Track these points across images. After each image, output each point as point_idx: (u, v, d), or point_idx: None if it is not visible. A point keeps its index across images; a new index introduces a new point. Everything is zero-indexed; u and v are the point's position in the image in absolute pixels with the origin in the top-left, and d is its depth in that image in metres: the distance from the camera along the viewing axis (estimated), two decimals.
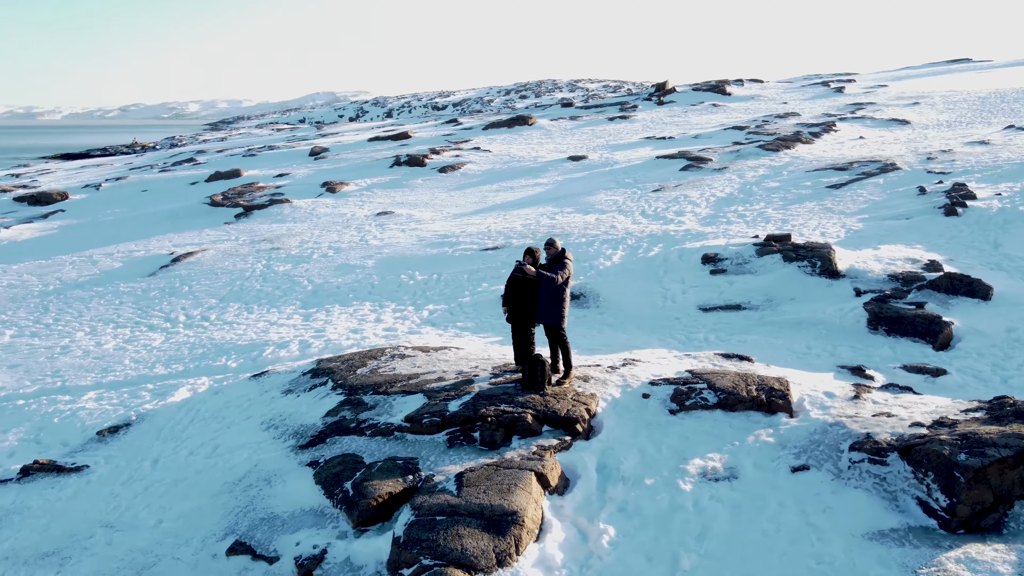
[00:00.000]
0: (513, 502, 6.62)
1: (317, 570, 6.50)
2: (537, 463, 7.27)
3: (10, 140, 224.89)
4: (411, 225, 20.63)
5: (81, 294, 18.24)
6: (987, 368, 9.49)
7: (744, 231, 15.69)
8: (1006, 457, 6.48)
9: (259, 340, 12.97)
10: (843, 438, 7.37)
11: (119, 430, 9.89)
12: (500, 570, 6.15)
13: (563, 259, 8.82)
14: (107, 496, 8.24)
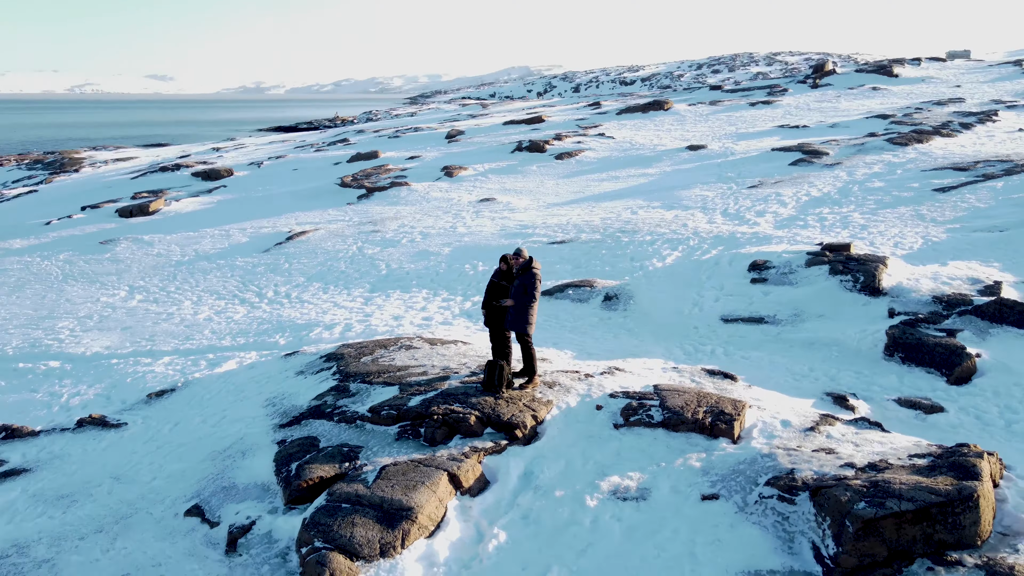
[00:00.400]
0: (412, 499, 7.12)
1: (242, 539, 7.35)
2: (455, 464, 7.70)
3: (241, 113, 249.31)
4: (503, 213, 21.25)
5: (206, 266, 20.57)
6: (995, 409, 8.65)
7: (813, 237, 14.83)
8: (905, 511, 6.14)
9: (315, 320, 14.20)
10: (766, 471, 7.19)
11: (164, 394, 11.39)
12: (381, 560, 6.70)
13: (530, 269, 9.08)
14: (128, 452, 9.62)
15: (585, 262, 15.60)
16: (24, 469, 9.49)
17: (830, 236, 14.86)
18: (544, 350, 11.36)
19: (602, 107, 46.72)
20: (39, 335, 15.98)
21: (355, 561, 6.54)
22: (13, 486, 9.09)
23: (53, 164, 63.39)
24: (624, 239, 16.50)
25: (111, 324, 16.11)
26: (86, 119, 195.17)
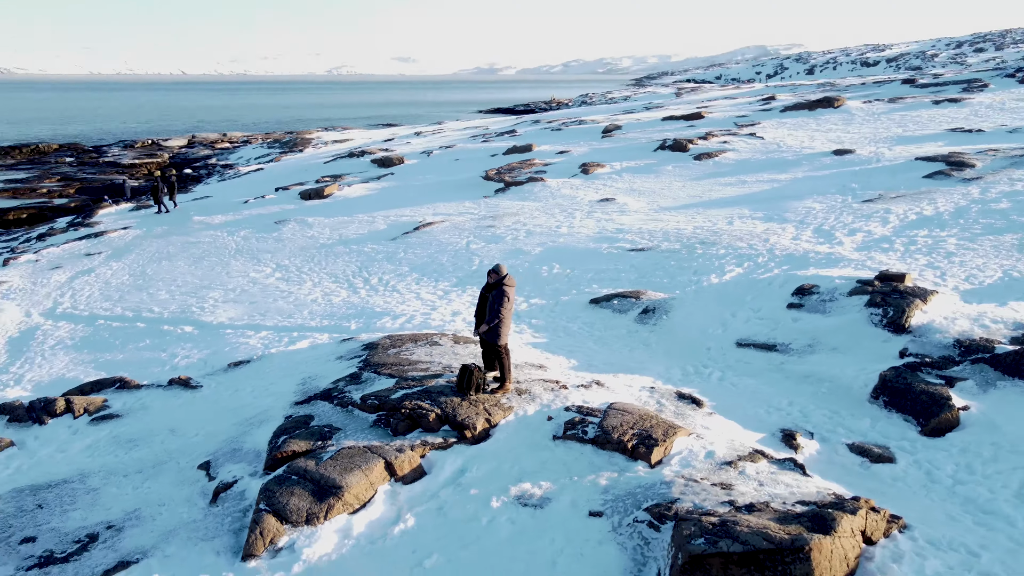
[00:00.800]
0: (345, 479, 8.38)
1: (223, 494, 9.01)
2: (396, 454, 8.85)
3: (471, 94, 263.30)
4: (611, 216, 21.71)
5: (340, 250, 23.04)
6: (951, 467, 8.20)
7: (887, 263, 13.95)
8: (733, 552, 6.49)
9: (389, 310, 15.82)
10: (653, 497, 7.66)
11: (240, 364, 13.52)
12: (305, 527, 8.02)
13: (501, 286, 9.92)
14: (190, 410, 11.73)
15: (650, 272, 15.87)
16: (117, 415, 11.91)
17: (907, 262, 13.94)
18: (553, 357, 12.13)
19: (775, 102, 44.54)
20: (191, 303, 19.09)
21: (283, 524, 7.93)
22: (104, 427, 11.50)
23: (288, 143, 71.15)
24: (698, 251, 16.49)
25: (244, 298, 18.87)
26: (337, 99, 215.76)
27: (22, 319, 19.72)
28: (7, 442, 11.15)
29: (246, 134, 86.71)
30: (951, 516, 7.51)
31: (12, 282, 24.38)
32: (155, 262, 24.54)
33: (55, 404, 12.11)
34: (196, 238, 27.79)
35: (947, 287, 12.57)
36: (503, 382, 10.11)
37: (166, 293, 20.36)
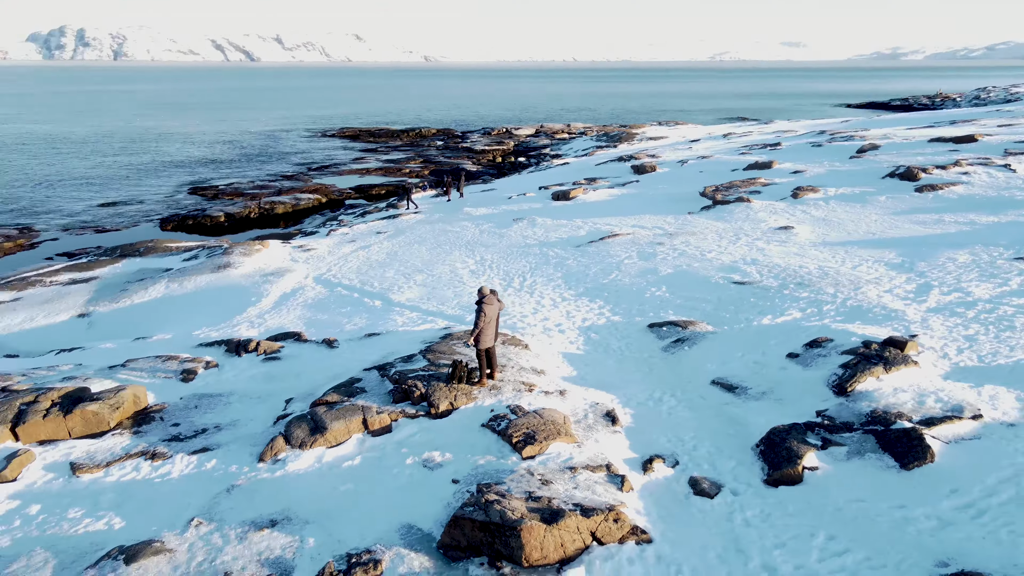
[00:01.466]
0: (331, 424, 12.31)
1: (280, 420, 13.53)
2: (373, 414, 12.57)
3: (859, 83, 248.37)
4: (766, 245, 22.18)
5: (534, 251, 26.50)
6: (752, 512, 9.24)
7: (931, 329, 13.54)
8: (476, 520, 9.20)
9: (504, 310, 19.24)
10: (494, 477, 10.42)
11: (372, 336, 18.09)
12: (297, 449, 12.11)
13: (480, 303, 12.93)
14: (318, 363, 16.42)
15: (723, 305, 16.98)
16: (278, 359, 17.23)
17: (953, 331, 13.52)
18: (563, 366, 14.74)
19: None
20: (398, 282, 24.35)
21: (286, 445, 12.18)
22: (266, 366, 16.82)
23: (614, 137, 73.91)
24: (785, 292, 17.07)
25: (430, 283, 23.62)
26: (708, 88, 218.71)
27: (300, 280, 26.74)
28: (214, 364, 17.05)
29: (587, 125, 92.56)
30: (706, 546, 9.13)
31: (318, 249, 32.28)
32: (408, 245, 30.65)
33: (250, 344, 17.87)
34: (451, 227, 33.50)
35: (947, 361, 12.42)
36: (479, 378, 13.22)
37: (392, 272, 26.01)
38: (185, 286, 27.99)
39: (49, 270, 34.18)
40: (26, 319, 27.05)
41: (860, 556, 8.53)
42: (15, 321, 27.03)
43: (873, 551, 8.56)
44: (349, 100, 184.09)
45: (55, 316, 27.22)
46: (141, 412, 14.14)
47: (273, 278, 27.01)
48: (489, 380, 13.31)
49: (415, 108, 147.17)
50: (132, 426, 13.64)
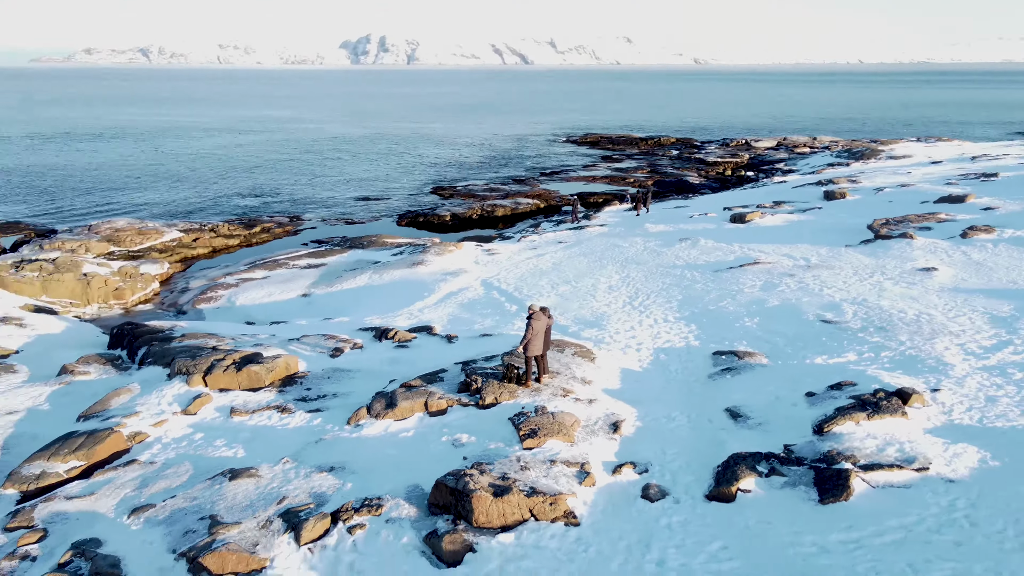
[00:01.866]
0: (401, 403, 15.67)
1: (377, 393, 17.18)
2: (436, 399, 15.74)
3: None
4: (892, 286, 21.76)
5: (676, 272, 27.74)
6: (668, 521, 11.13)
7: (962, 386, 13.60)
8: (446, 484, 12.08)
9: (597, 322, 21.37)
10: (493, 459, 13.19)
11: (484, 336, 21.27)
12: (374, 419, 15.68)
13: (529, 319, 15.50)
14: (433, 354, 19.82)
15: (796, 341, 17.64)
16: (407, 347, 21.07)
17: (991, 390, 13.51)
18: (612, 380, 16.84)
19: None
20: (545, 290, 27.31)
21: (367, 414, 15.78)
22: (395, 351, 20.66)
23: (856, 154, 69.09)
24: (860, 334, 17.24)
25: (568, 295, 26.14)
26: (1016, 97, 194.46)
27: (468, 281, 30.75)
28: (359, 345, 21.32)
29: (833, 139, 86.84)
30: (623, 537, 11.07)
31: (501, 254, 36.30)
32: (574, 257, 33.47)
33: (390, 332, 21.96)
34: (622, 243, 35.69)
35: (945, 416, 12.71)
36: (526, 380, 15.88)
37: (545, 281, 29.02)
38: (382, 278, 33.28)
39: (295, 255, 41.68)
40: (267, 294, 33.85)
41: (738, 565, 10.13)
42: (259, 295, 33.93)
43: (751, 564, 10.11)
44: (604, 104, 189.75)
45: (286, 294, 33.74)
46: (289, 376, 18.63)
47: (449, 278, 31.28)
48: (535, 383, 15.93)
49: (665, 115, 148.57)
50: (279, 386, 18.12)
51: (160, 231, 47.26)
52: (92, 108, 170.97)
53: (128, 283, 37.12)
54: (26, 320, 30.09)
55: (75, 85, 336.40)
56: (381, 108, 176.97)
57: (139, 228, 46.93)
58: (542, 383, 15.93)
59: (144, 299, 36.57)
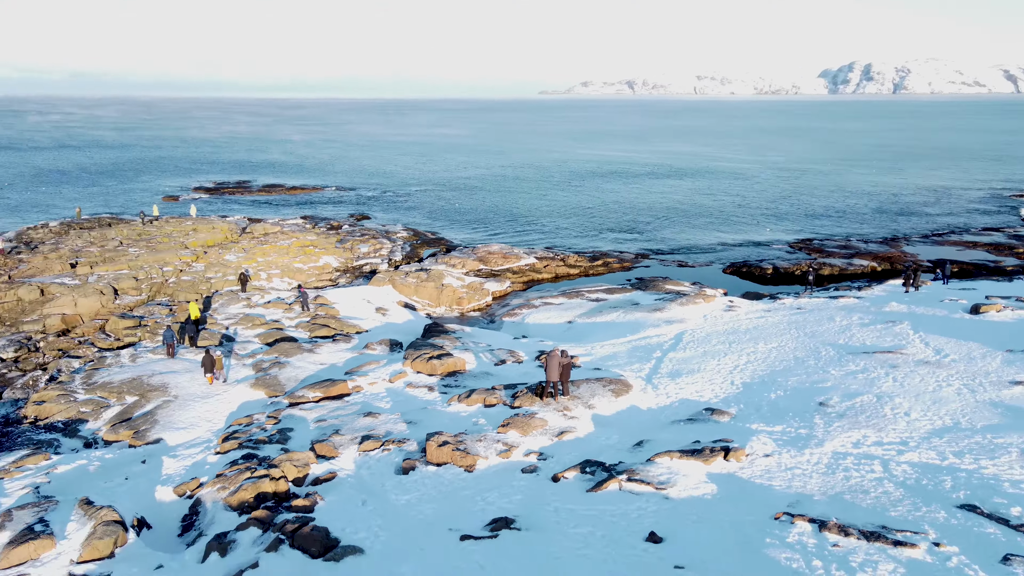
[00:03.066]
0: (473, 396, 24.97)
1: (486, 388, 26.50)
2: (491, 396, 24.57)
3: None
4: (940, 382, 22.84)
5: (826, 351, 30.38)
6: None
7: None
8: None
9: (685, 371, 26.81)
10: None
11: (599, 369, 28.58)
12: (458, 403, 25.22)
13: (547, 354, 23.23)
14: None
15: (776, 408, 21.63)
16: None
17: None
18: (614, 409, 23.48)
19: None
20: (703, 346, 32.80)
21: (457, 400, 25.44)
22: (534, 367, 29.53)
23: None
24: (832, 415, 20.61)
25: (707, 352, 31.38)
26: None
27: (668, 330, 37.26)
28: (522, 358, 30.58)
29: None
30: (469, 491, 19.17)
31: (737, 311, 41.46)
32: (767, 323, 37.32)
33: (545, 352, 30.77)
34: (831, 318, 37.76)
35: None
36: (543, 395, 23.67)
37: (716, 340, 34.24)
38: (624, 316, 41.52)
39: (596, 288, 51.58)
40: (546, 317, 44.57)
41: (519, 505, 17.53)
42: (542, 317, 44.80)
43: (528, 510, 17.46)
44: None
45: (560, 318, 43.98)
46: (455, 371, 28.93)
47: (662, 325, 38.18)
48: (551, 399, 23.67)
49: None
50: (446, 375, 28.55)
51: (520, 256, 60.82)
52: (557, 140, 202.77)
53: (469, 294, 50.91)
54: (391, 311, 45.62)
55: (568, 116, 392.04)
56: (818, 146, 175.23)
57: (505, 253, 60.98)
58: (557, 400, 23.57)
59: (477, 308, 49.82)
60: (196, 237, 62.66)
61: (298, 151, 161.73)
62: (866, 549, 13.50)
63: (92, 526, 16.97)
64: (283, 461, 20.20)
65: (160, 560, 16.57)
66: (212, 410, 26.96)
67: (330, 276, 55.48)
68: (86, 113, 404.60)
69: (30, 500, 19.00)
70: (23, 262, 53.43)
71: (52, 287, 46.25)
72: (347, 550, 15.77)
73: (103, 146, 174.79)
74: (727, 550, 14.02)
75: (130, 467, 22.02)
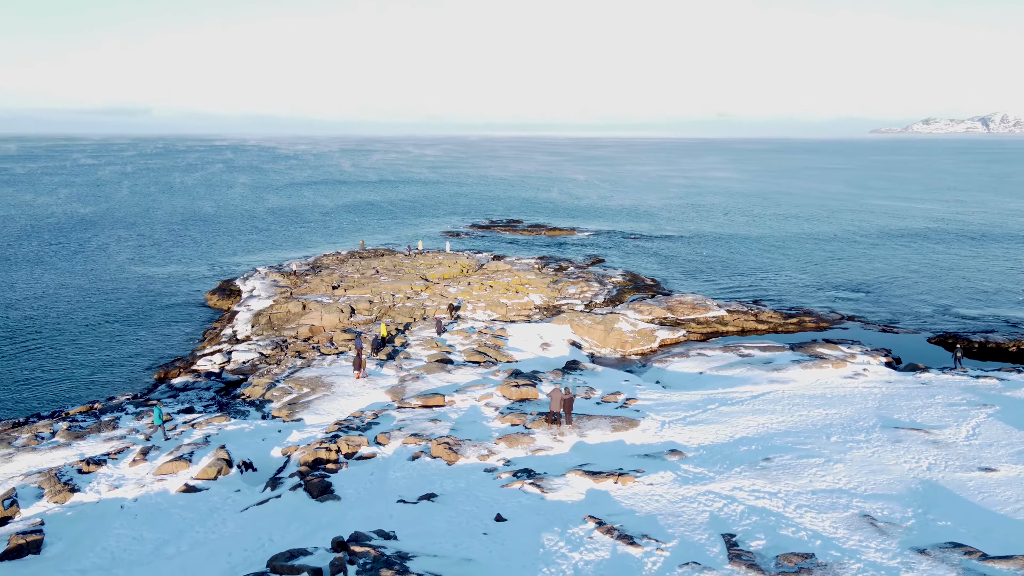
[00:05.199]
0: (506, 418, 31.79)
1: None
2: (520, 417, 31.21)
3: None
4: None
5: (907, 464, 31.35)
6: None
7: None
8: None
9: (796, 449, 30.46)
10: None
11: (620, 419, 33.31)
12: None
13: (551, 393, 29.24)
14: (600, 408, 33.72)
15: (721, 454, 25.02)
16: (613, 404, 35.18)
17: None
18: (598, 437, 28.78)
19: None
20: (749, 414, 35.43)
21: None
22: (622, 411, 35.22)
23: None
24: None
25: (773, 410, 34.04)
26: None
27: (755, 387, 39.88)
28: (589, 396, 36.45)
29: None
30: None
31: (868, 375, 42.32)
32: (846, 392, 38.03)
33: (609, 396, 36.23)
34: (928, 390, 37.09)
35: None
36: (549, 423, 29.71)
37: (782, 407, 36.43)
38: (745, 372, 44.71)
39: (754, 345, 54.11)
40: (685, 367, 49.01)
41: (416, 483, 24.52)
42: (682, 366, 49.36)
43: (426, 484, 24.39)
44: None
45: (695, 368, 48.29)
46: (528, 398, 35.80)
47: (763, 383, 40.97)
48: (554, 425, 29.61)
49: None
50: (518, 400, 35.58)
51: (710, 308, 64.47)
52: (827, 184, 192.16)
53: (635, 339, 56.41)
54: (554, 346, 53.31)
55: (885, 161, 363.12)
56: None
57: (696, 303, 64.95)
58: (559, 426, 29.47)
59: (640, 352, 55.00)
60: (436, 270, 75.77)
61: (575, 191, 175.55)
62: (612, 545, 18.38)
63: (211, 460, 27.22)
64: (343, 441, 29.02)
65: (240, 487, 26.23)
66: (348, 405, 36.93)
67: (527, 312, 64.17)
68: (417, 152, 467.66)
69: (199, 441, 30.03)
70: (305, 282, 70.24)
71: (312, 303, 61.19)
72: (331, 496, 23.99)
73: (414, 182, 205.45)
74: (527, 533, 19.70)
75: (269, 433, 32.52)
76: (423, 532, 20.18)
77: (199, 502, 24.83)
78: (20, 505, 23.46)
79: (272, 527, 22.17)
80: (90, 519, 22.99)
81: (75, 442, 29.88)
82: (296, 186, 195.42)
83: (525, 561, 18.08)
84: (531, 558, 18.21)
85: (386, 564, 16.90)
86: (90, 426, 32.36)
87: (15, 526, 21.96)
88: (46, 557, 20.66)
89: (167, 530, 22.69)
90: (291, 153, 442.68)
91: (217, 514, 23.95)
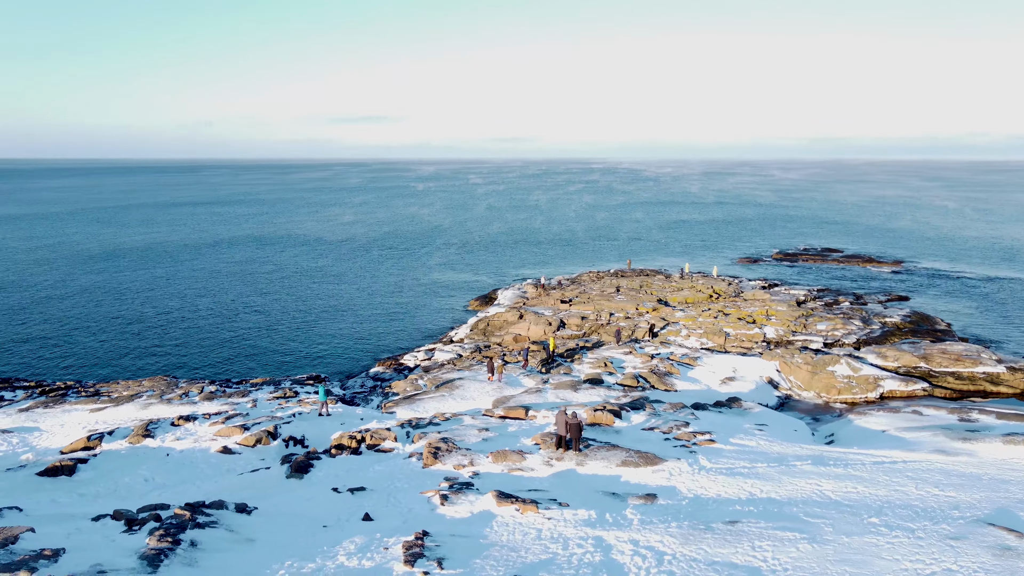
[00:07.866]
0: (517, 441, 30.67)
1: None
2: (548, 437, 29.98)
3: None
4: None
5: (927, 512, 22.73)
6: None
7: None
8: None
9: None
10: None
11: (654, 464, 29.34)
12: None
13: (579, 424, 27.55)
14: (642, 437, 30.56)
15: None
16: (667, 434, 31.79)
17: None
18: (597, 470, 26.43)
19: None
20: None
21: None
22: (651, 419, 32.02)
23: None
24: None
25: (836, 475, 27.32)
26: None
27: (901, 458, 32.05)
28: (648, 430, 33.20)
29: None
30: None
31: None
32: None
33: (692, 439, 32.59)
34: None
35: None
36: (556, 446, 28.06)
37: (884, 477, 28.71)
38: (924, 435, 36.55)
39: (998, 408, 43.26)
40: (877, 423, 41.65)
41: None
42: (876, 422, 42.06)
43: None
44: None
45: (882, 427, 40.72)
46: (599, 423, 33.99)
47: (920, 452, 33.07)
48: (559, 450, 27.89)
49: None
50: (589, 425, 34.04)
51: (981, 361, 53.19)
52: None
53: (847, 385, 49.06)
54: (738, 382, 49.09)
55: None
56: None
57: (964, 355, 53.35)
58: (564, 450, 27.73)
59: (849, 401, 47.53)
60: (679, 293, 73.16)
61: (931, 220, 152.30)
62: (393, 561, 17.62)
63: (264, 431, 31.28)
64: (369, 433, 30.98)
65: (267, 456, 29.81)
66: (448, 406, 38.65)
67: (750, 344, 59.03)
68: (779, 176, 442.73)
69: (288, 418, 34.53)
70: (548, 295, 73.31)
71: (529, 315, 63.97)
72: (306, 473, 26.28)
73: (750, 204, 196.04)
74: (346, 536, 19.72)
75: (350, 419, 35.79)
76: (285, 512, 21.37)
77: (224, 463, 28.89)
78: (104, 441, 29.80)
79: (235, 488, 25.10)
80: (132, 459, 28.36)
81: (203, 402, 36.41)
82: (629, 205, 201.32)
83: (297, 552, 18.37)
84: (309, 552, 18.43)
85: (179, 527, 18.62)
86: (230, 392, 38.99)
87: (76, 454, 28.09)
88: (73, 480, 26.20)
89: (172, 477, 27.01)
90: (652, 175, 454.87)
91: (221, 474, 27.69)
